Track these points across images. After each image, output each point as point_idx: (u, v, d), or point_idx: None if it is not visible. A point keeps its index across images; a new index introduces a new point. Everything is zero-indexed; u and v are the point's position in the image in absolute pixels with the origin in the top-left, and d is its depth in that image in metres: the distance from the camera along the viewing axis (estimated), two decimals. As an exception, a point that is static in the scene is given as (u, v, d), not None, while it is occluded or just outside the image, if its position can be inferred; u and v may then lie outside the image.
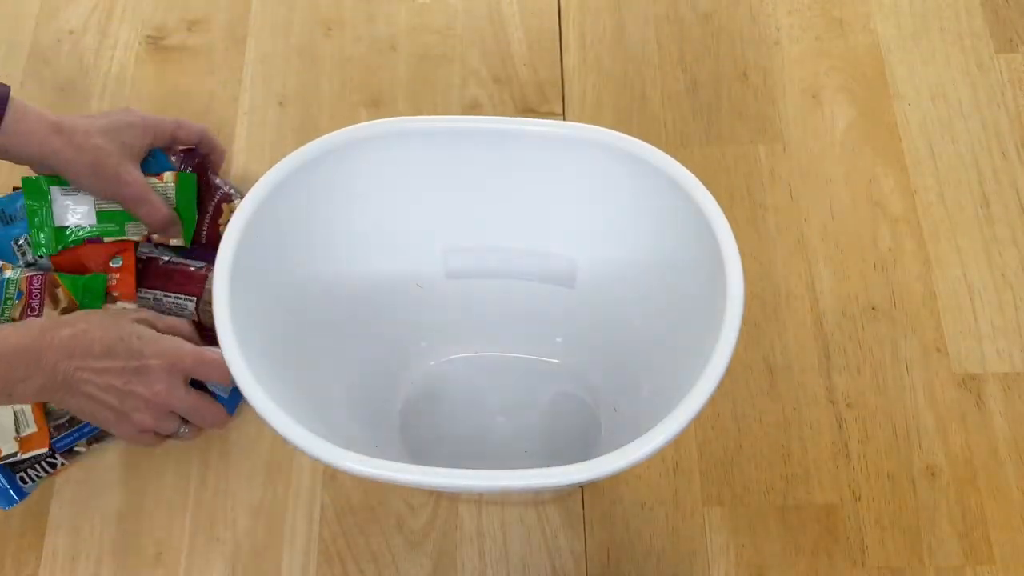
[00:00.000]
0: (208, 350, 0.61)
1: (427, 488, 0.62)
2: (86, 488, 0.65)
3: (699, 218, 0.48)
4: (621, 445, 0.42)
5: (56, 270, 0.67)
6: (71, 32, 0.82)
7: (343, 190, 0.52)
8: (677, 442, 0.65)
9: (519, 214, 0.56)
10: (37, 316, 0.64)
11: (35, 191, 0.66)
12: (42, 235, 0.66)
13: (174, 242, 0.69)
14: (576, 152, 0.51)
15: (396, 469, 0.41)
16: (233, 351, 0.43)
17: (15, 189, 0.72)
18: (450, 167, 0.53)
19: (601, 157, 0.51)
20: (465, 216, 0.57)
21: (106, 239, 0.67)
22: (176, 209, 0.68)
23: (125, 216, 0.67)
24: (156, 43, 0.82)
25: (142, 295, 0.67)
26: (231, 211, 0.70)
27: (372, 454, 0.42)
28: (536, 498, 0.64)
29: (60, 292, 0.65)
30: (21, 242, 0.68)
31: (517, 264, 0.59)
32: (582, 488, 0.64)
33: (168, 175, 0.68)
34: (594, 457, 0.42)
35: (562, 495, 0.64)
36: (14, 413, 0.62)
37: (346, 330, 0.58)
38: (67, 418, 0.63)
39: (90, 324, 0.58)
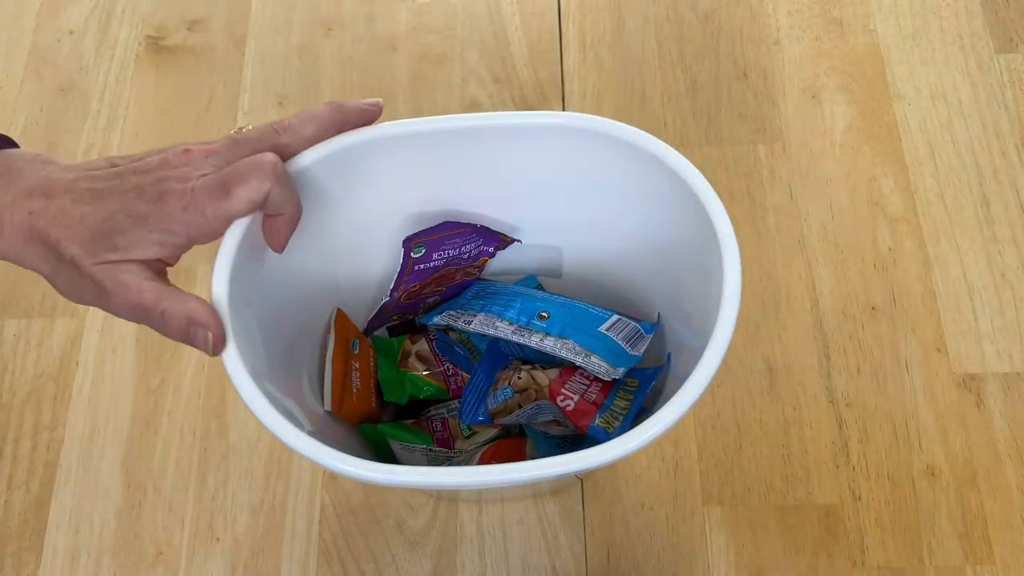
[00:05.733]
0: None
1: (422, 488, 0.62)
2: (86, 488, 0.65)
3: (687, 193, 0.46)
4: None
5: None
6: (71, 32, 0.82)
7: (329, 201, 0.52)
8: (677, 442, 0.66)
9: (501, 207, 0.55)
10: None
11: None
12: None
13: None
14: (555, 140, 0.50)
15: (388, 471, 0.41)
16: (231, 351, 0.43)
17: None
18: (425, 169, 0.52)
19: (580, 142, 0.50)
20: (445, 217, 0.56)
21: None
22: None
23: None
24: (156, 43, 0.82)
25: None
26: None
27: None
28: (535, 491, 0.64)
29: None
30: None
31: (502, 258, 0.59)
32: (582, 487, 0.64)
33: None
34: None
35: (560, 488, 0.64)
36: None
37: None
38: None
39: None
